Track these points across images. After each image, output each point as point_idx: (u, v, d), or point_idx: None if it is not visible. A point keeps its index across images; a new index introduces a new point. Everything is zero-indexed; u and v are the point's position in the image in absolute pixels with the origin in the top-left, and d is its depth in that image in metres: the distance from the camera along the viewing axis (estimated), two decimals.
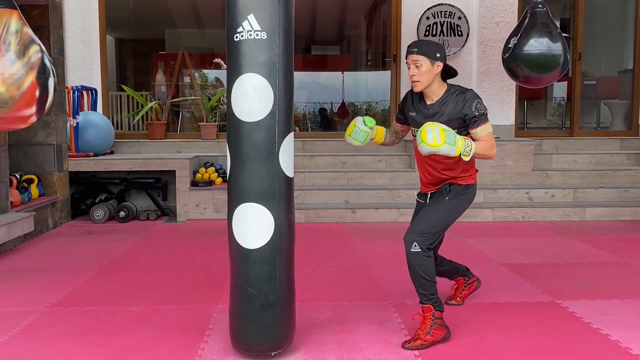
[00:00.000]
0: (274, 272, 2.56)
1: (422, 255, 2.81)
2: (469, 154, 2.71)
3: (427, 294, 2.85)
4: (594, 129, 8.90)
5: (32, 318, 3.22)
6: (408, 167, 6.85)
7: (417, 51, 2.84)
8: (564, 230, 5.59)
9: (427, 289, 2.84)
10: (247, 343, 2.62)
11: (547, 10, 4.20)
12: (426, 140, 2.66)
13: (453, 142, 2.66)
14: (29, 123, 3.17)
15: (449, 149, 2.67)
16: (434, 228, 2.89)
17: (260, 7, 2.45)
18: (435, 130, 2.65)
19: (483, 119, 2.83)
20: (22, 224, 4.84)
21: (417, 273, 2.83)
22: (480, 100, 2.86)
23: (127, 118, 8.35)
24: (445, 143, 2.65)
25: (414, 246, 2.82)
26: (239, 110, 2.51)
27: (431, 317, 2.83)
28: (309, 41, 11.51)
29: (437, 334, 2.82)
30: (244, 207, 2.54)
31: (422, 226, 2.89)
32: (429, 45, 2.88)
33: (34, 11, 5.61)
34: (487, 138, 2.82)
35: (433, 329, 2.81)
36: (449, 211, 2.95)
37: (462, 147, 2.69)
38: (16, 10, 3.06)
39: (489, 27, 7.16)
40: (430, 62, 2.82)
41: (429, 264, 2.84)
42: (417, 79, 2.86)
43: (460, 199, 2.98)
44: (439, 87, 2.90)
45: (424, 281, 2.83)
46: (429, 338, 2.80)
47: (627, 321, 3.14)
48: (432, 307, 2.84)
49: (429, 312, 2.84)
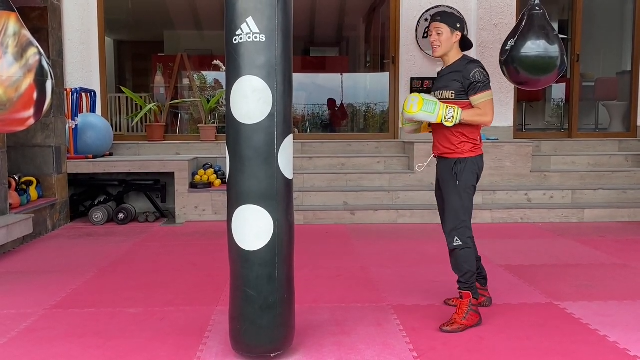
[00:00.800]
0: (274, 274, 2.56)
1: (464, 248, 3.04)
2: (451, 120, 2.96)
3: (468, 283, 3.05)
4: (593, 130, 8.92)
5: (31, 320, 3.22)
6: (407, 168, 6.86)
7: (440, 20, 3.14)
8: (562, 232, 5.60)
9: (469, 279, 3.05)
10: (246, 344, 2.62)
11: (545, 12, 4.20)
12: (405, 108, 3.03)
13: (431, 110, 2.94)
14: (26, 125, 3.17)
15: (426, 116, 2.98)
16: (461, 216, 3.07)
17: (259, 9, 2.46)
18: (414, 99, 2.99)
19: (480, 87, 3.02)
20: (21, 226, 4.84)
21: (460, 265, 3.05)
22: (481, 69, 3.04)
23: (126, 120, 8.35)
24: (422, 110, 2.96)
25: (455, 241, 3.04)
26: (238, 112, 2.52)
27: (468, 303, 3.02)
28: (308, 43, 11.52)
29: (472, 319, 3.01)
30: (244, 208, 2.55)
31: (452, 221, 3.09)
32: (451, 16, 3.18)
33: (33, 13, 5.62)
34: (482, 106, 3.02)
35: (469, 314, 3.00)
36: (461, 193, 3.09)
37: (443, 115, 2.96)
38: (14, 12, 3.06)
39: (487, 29, 7.17)
40: (450, 30, 3.11)
41: (471, 255, 3.06)
42: (438, 44, 3.13)
43: (467, 176, 3.08)
44: (455, 55, 3.15)
45: (466, 272, 3.04)
46: (465, 322, 2.99)
47: (625, 322, 3.15)
48: (470, 293, 3.03)
49: (467, 298, 3.03)
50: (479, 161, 3.14)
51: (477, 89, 3.02)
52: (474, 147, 3.12)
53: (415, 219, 6.02)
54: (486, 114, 3.03)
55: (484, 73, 3.06)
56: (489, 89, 3.05)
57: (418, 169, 3.43)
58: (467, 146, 3.10)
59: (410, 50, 7.29)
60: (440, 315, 3.21)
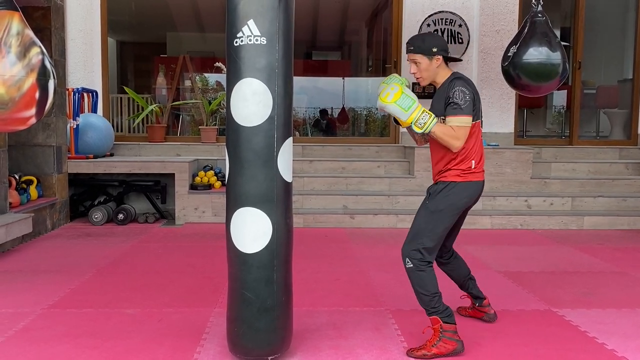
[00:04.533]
0: (272, 277, 2.56)
1: (415, 270, 2.77)
2: (422, 127, 2.69)
3: (428, 308, 2.78)
4: (593, 137, 8.92)
5: (28, 320, 3.22)
6: (407, 173, 6.86)
7: (413, 50, 2.86)
8: (561, 239, 5.59)
9: (427, 303, 2.76)
10: (244, 347, 2.62)
11: (547, 19, 4.21)
12: (380, 95, 2.75)
13: (406, 107, 2.68)
14: (28, 124, 3.17)
15: (398, 111, 2.70)
16: (423, 238, 2.78)
17: (260, 12, 2.46)
18: (394, 89, 2.71)
19: (457, 111, 2.72)
20: (21, 225, 4.84)
21: (414, 288, 2.80)
22: (462, 90, 2.75)
23: (128, 120, 8.36)
24: (396, 103, 2.69)
25: (407, 262, 2.79)
26: (238, 114, 2.52)
27: (439, 329, 2.75)
28: (310, 46, 11.54)
29: (445, 347, 2.73)
30: (242, 211, 2.55)
31: (410, 238, 2.83)
32: (424, 41, 2.87)
33: (36, 13, 5.63)
34: (456, 129, 2.72)
35: (441, 341, 2.73)
36: (430, 215, 2.81)
37: (415, 117, 2.69)
38: (18, 12, 3.07)
39: (490, 35, 7.18)
40: (427, 58, 2.84)
41: (425, 279, 2.76)
42: (419, 76, 2.90)
43: (440, 199, 2.81)
44: (444, 76, 2.88)
45: (422, 296, 2.77)
46: (434, 350, 2.73)
47: (623, 330, 3.14)
48: (438, 319, 2.76)
49: (436, 325, 2.76)
50: (465, 187, 2.83)
51: (454, 111, 2.73)
52: (463, 172, 2.82)
53: None
54: (458, 137, 2.72)
55: (466, 93, 2.74)
56: (467, 114, 2.73)
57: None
58: (453, 172, 2.83)
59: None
60: None
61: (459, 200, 2.83)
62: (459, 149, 2.76)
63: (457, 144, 2.74)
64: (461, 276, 3.22)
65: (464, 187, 2.83)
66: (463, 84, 2.79)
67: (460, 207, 2.86)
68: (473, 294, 3.25)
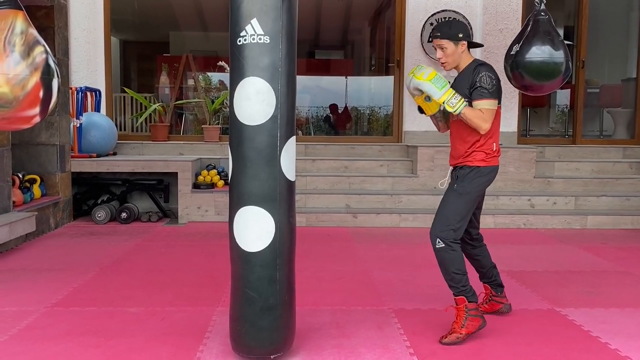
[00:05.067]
0: (275, 276, 2.57)
1: (447, 250, 2.89)
2: (454, 106, 2.83)
3: (458, 287, 2.89)
4: (597, 137, 8.90)
5: (32, 318, 3.23)
6: (410, 172, 6.86)
7: (440, 35, 2.99)
8: (565, 238, 5.58)
9: (458, 282, 2.88)
10: (247, 346, 2.62)
11: (550, 18, 4.19)
12: (414, 73, 2.90)
13: (440, 87, 2.84)
14: (32, 123, 3.17)
15: (432, 89, 2.85)
16: (451, 220, 2.91)
17: (264, 11, 2.46)
18: (429, 69, 2.88)
19: (484, 94, 2.88)
20: (24, 224, 4.85)
21: (445, 268, 2.90)
22: (489, 74, 2.91)
23: (131, 119, 8.37)
24: (431, 82, 2.84)
25: (437, 242, 2.91)
26: (241, 113, 2.52)
27: (465, 309, 2.87)
28: (313, 46, 11.54)
29: (472, 325, 2.86)
30: (245, 210, 2.55)
31: (440, 220, 2.95)
32: (450, 27, 3.01)
33: (40, 12, 5.64)
34: (484, 112, 2.88)
35: (468, 320, 2.86)
36: (459, 198, 2.96)
37: (448, 97, 2.83)
38: (22, 11, 3.07)
39: (493, 34, 7.17)
40: (454, 43, 2.98)
41: (457, 257, 2.89)
42: (444, 61, 3.03)
43: (468, 183, 2.96)
44: (466, 61, 3.03)
45: (453, 275, 2.88)
46: (464, 330, 2.85)
47: (626, 330, 3.14)
48: (465, 298, 2.87)
49: (462, 304, 2.88)
50: (489, 172, 3.00)
51: (480, 95, 2.89)
52: (487, 156, 2.98)
53: (418, 223, 6.01)
54: (486, 120, 2.88)
55: (493, 78, 2.91)
56: (494, 97, 2.90)
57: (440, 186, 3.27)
58: (478, 155, 2.97)
59: (415, 54, 7.29)
60: (441, 319, 3.20)
61: (483, 183, 3.01)
62: (486, 131, 2.91)
63: (485, 125, 2.89)
64: (487, 264, 3.30)
65: (488, 171, 3.00)
66: (489, 69, 2.95)
67: (483, 190, 3.05)
68: (498, 281, 3.33)
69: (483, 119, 2.88)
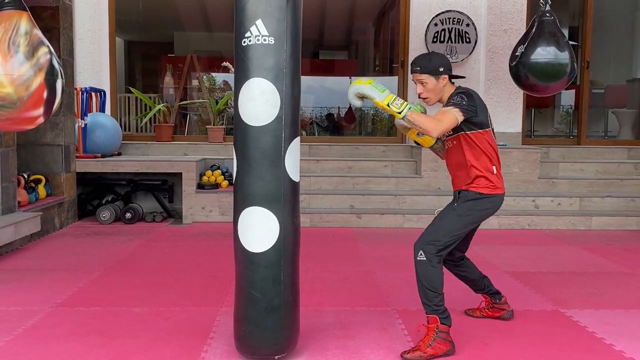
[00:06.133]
0: (279, 276, 2.57)
1: (427, 264, 2.76)
2: (398, 107, 2.65)
3: (431, 305, 2.76)
4: (602, 137, 8.88)
5: (37, 317, 3.24)
6: (414, 173, 6.85)
7: (420, 70, 2.86)
8: (569, 239, 5.57)
9: (431, 299, 2.76)
10: (251, 346, 2.62)
11: (555, 19, 4.19)
12: (353, 82, 2.73)
13: (381, 90, 2.68)
14: (36, 124, 3.19)
15: (374, 92, 2.67)
16: (441, 236, 2.81)
17: (268, 12, 2.47)
18: (366, 78, 2.74)
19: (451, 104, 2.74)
20: (29, 224, 4.87)
21: (421, 282, 2.78)
22: (461, 95, 2.77)
23: (135, 120, 8.39)
24: (371, 85, 2.68)
25: (419, 254, 2.79)
26: (245, 114, 2.53)
27: (435, 329, 2.75)
28: (317, 46, 11.54)
29: (440, 348, 2.72)
30: (250, 210, 2.55)
31: (429, 234, 2.85)
32: (430, 60, 2.87)
33: (45, 13, 5.66)
34: (440, 115, 2.72)
35: (436, 342, 2.72)
36: (456, 218, 2.85)
37: (391, 100, 2.66)
38: (26, 11, 3.08)
39: (497, 35, 7.16)
40: (434, 78, 2.85)
41: (435, 275, 2.76)
42: (426, 96, 2.91)
43: (469, 206, 2.86)
44: (449, 92, 2.90)
45: (427, 291, 2.76)
46: (429, 351, 2.71)
47: (631, 331, 3.13)
48: (437, 318, 2.76)
49: (433, 324, 2.76)
50: (493, 200, 2.87)
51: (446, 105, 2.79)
52: (489, 182, 2.86)
53: (422, 224, 5.97)
54: (439, 121, 2.67)
55: (464, 97, 2.76)
56: (460, 109, 2.72)
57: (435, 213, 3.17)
58: (490, 181, 2.86)
59: None
60: None
61: (486, 211, 2.90)
62: (438, 133, 2.71)
63: (434, 127, 2.67)
64: (475, 275, 3.22)
65: (492, 200, 2.88)
66: (464, 91, 2.81)
67: (484, 217, 2.95)
68: (492, 290, 3.25)
69: (435, 120, 2.68)
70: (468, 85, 3.11)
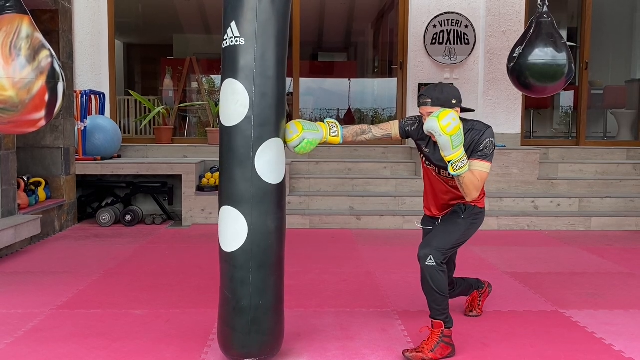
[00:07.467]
0: (247, 278, 2.53)
1: (437, 269, 2.76)
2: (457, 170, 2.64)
3: (439, 309, 2.77)
4: (601, 138, 8.89)
5: (37, 320, 3.24)
6: (414, 174, 6.86)
7: (431, 102, 2.71)
8: (569, 240, 5.58)
9: (440, 303, 2.77)
10: (223, 345, 2.63)
11: (553, 20, 4.20)
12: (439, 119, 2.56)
13: (455, 145, 2.59)
14: (38, 127, 3.19)
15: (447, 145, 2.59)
16: (449, 245, 2.84)
17: (241, 14, 2.48)
18: (455, 120, 2.56)
19: (485, 157, 2.71)
20: (29, 227, 4.87)
21: (430, 287, 2.77)
22: (492, 142, 2.74)
23: (135, 122, 8.40)
24: (450, 137, 2.56)
25: (429, 259, 2.77)
26: (222, 114, 2.57)
27: (439, 334, 2.76)
28: (316, 48, 11.57)
29: (441, 352, 2.74)
30: (224, 209, 2.57)
31: (438, 242, 2.83)
32: (442, 92, 2.72)
33: (44, 16, 5.67)
34: (478, 175, 2.70)
35: (439, 346, 2.74)
36: (464, 230, 2.90)
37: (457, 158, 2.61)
38: (27, 15, 3.09)
39: (496, 36, 7.17)
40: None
41: (443, 279, 2.77)
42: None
43: (474, 220, 2.93)
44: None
45: (437, 295, 2.76)
46: (432, 355, 2.72)
47: (631, 331, 3.14)
48: (442, 323, 2.77)
49: (438, 329, 2.77)
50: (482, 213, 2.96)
51: (481, 157, 2.72)
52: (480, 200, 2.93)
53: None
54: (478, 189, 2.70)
55: (495, 145, 2.76)
56: (490, 161, 2.74)
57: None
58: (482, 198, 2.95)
59: (418, 56, 7.30)
60: None
61: (480, 223, 2.98)
62: (473, 199, 2.75)
63: (475, 194, 2.72)
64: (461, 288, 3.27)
65: (484, 213, 2.99)
66: (492, 134, 2.76)
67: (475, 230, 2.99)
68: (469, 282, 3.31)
69: (476, 187, 2.69)
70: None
